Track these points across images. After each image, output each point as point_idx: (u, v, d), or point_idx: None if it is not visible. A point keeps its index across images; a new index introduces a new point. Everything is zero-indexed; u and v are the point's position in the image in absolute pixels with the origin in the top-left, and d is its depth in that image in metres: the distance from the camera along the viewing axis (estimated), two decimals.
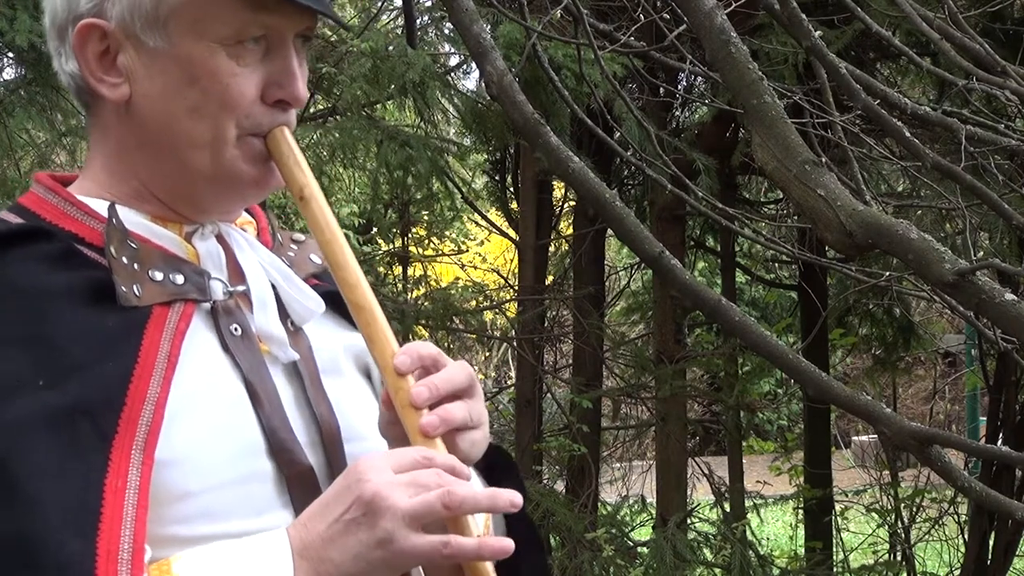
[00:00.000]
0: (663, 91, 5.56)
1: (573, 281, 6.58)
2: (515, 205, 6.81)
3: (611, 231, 5.26)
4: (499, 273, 7.89)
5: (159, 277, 1.24)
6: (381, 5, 6.36)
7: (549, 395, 6.82)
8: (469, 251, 9.39)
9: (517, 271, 6.61)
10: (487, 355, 10.31)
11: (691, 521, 6.07)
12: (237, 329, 1.27)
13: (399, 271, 7.51)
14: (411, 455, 1.17)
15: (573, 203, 6.78)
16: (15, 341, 1.15)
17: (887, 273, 3.33)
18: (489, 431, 1.30)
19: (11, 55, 4.24)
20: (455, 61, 6.07)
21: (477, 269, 8.62)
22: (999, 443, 5.90)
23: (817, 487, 6.31)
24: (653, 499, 6.22)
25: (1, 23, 3.58)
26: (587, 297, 6.10)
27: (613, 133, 3.88)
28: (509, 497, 1.16)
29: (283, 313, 1.32)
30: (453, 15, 2.64)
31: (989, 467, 5.88)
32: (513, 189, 6.90)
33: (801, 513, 6.68)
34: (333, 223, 1.28)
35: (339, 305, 1.30)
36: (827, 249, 4.76)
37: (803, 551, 6.46)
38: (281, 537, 1.16)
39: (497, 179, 7.17)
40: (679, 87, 6.36)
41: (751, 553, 5.45)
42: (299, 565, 1.14)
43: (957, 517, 6.44)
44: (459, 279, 8.01)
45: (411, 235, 7.59)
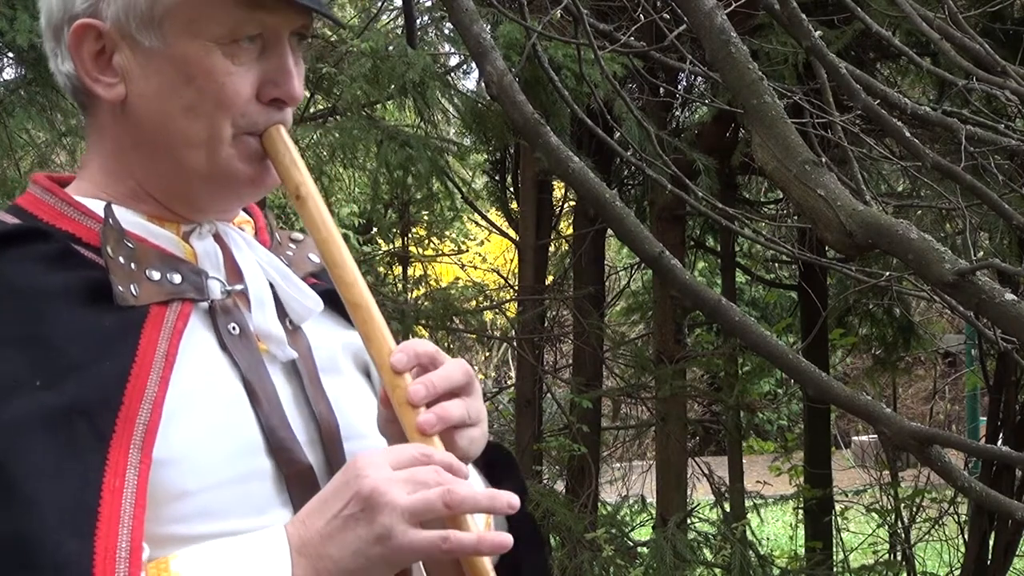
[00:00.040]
0: (663, 91, 5.56)
1: (573, 281, 6.58)
2: (515, 205, 6.81)
3: (611, 231, 5.26)
4: (499, 273, 7.89)
5: (156, 276, 1.24)
6: (381, 5, 6.36)
7: (549, 395, 6.82)
8: (469, 251, 9.39)
9: (517, 271, 6.61)
10: (487, 355, 10.31)
11: (691, 521, 6.07)
12: (235, 328, 1.27)
13: (399, 271, 7.51)
14: (409, 451, 1.16)
15: (573, 203, 6.78)
16: (12, 341, 1.15)
17: (887, 273, 3.32)
18: (488, 430, 1.30)
19: (11, 55, 4.23)
20: (455, 61, 6.08)
21: (477, 269, 8.62)
22: (999, 443, 5.90)
23: (817, 487, 6.31)
24: (653, 499, 6.22)
25: (1, 23, 3.58)
26: (587, 297, 6.10)
27: (613, 133, 3.88)
28: (508, 499, 1.16)
29: (281, 312, 1.32)
30: (453, 15, 2.64)
31: (989, 467, 5.88)
32: (513, 189, 6.90)
33: (801, 513, 6.68)
34: (329, 221, 1.28)
35: (338, 304, 1.29)
36: (827, 249, 4.76)
37: (803, 551, 6.46)
38: (279, 534, 1.16)
39: (497, 179, 7.17)
40: (679, 87, 6.36)
41: (751, 553, 5.45)
42: (297, 562, 1.13)
43: (957, 517, 6.43)
44: (459, 279, 8.01)
45: (411, 235, 7.59)
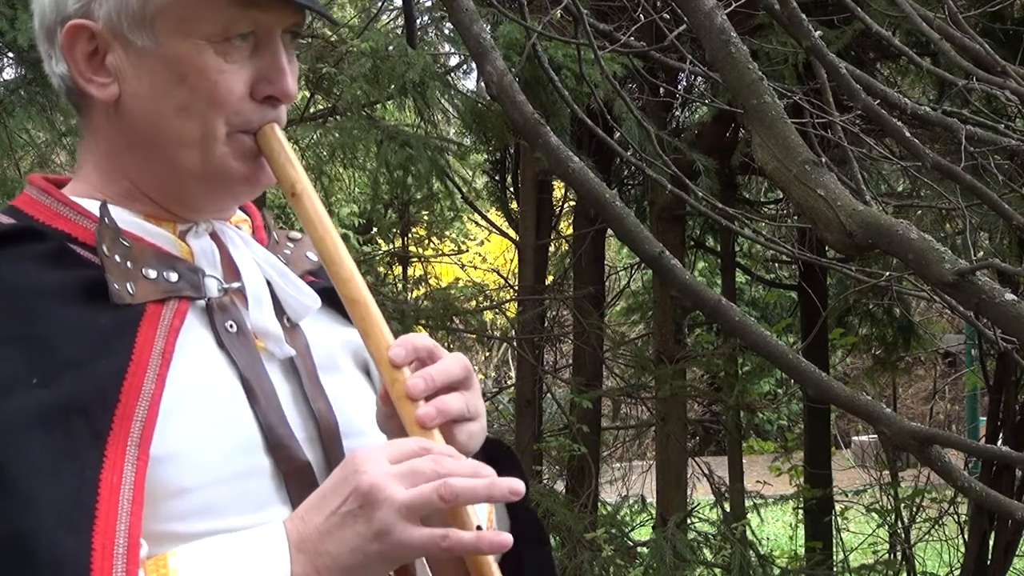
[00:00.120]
0: (663, 91, 5.56)
1: (573, 281, 6.58)
2: (515, 205, 6.81)
3: (611, 231, 5.26)
4: (499, 273, 7.89)
5: (153, 275, 1.24)
6: (381, 5, 6.36)
7: (549, 395, 6.82)
8: (469, 251, 9.39)
9: (517, 271, 6.61)
10: (487, 355, 10.30)
11: (691, 521, 6.07)
12: (232, 326, 1.27)
13: (399, 271, 7.52)
14: (408, 445, 1.16)
15: (573, 203, 6.78)
16: (8, 340, 1.15)
17: (887, 273, 3.32)
18: (488, 430, 1.30)
19: (11, 55, 4.23)
20: (455, 61, 6.08)
21: (477, 269, 8.63)
22: (999, 443, 5.90)
23: (817, 487, 6.31)
24: (653, 499, 6.22)
25: (1, 23, 3.58)
26: (587, 297, 6.10)
27: (613, 133, 3.87)
28: (508, 484, 1.14)
29: (279, 310, 1.32)
30: (453, 15, 2.64)
31: (989, 467, 5.88)
32: (513, 189, 6.90)
33: (801, 513, 6.68)
34: (325, 218, 1.28)
35: (336, 302, 1.29)
36: (827, 249, 4.76)
37: (803, 551, 6.46)
38: (278, 530, 1.15)
39: (497, 179, 7.17)
40: (679, 87, 6.37)
41: (751, 553, 5.45)
42: (296, 558, 1.13)
43: (957, 517, 6.43)
44: (459, 279, 8.02)
45: (411, 235, 7.59)
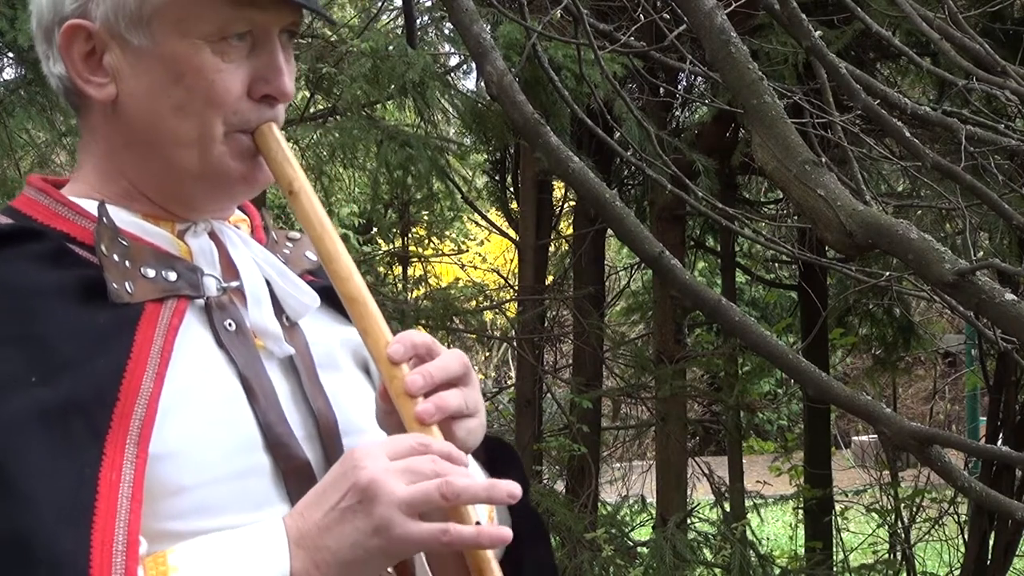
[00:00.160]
0: (663, 91, 5.56)
1: (573, 281, 6.58)
2: (515, 205, 6.81)
3: (611, 231, 5.26)
4: (499, 273, 7.89)
5: (151, 274, 1.25)
6: (381, 5, 6.36)
7: (549, 395, 6.82)
8: (469, 251, 9.39)
9: (517, 271, 6.61)
10: (487, 355, 10.30)
11: (691, 521, 6.07)
12: (231, 324, 1.27)
13: (399, 271, 7.52)
14: (407, 442, 1.16)
15: (573, 203, 6.78)
16: (7, 340, 1.15)
17: (887, 273, 3.32)
18: (488, 429, 1.30)
19: (11, 55, 4.23)
20: (455, 61, 6.08)
21: (477, 269, 8.63)
22: (999, 443, 5.89)
23: (817, 487, 6.31)
24: (653, 499, 6.22)
25: (1, 23, 3.58)
26: (587, 297, 6.10)
27: (613, 133, 3.87)
28: (507, 488, 1.15)
29: (278, 309, 1.32)
30: (453, 15, 2.64)
31: (989, 467, 5.88)
32: (513, 189, 6.90)
33: (801, 513, 6.68)
34: (323, 217, 1.28)
35: (335, 301, 1.29)
36: (827, 249, 4.76)
37: (803, 551, 6.46)
38: (277, 526, 1.16)
39: (497, 179, 7.17)
40: (679, 87, 6.37)
41: (751, 553, 5.45)
42: (296, 554, 1.13)
43: (957, 517, 6.43)
44: (459, 279, 8.02)
45: (411, 235, 7.60)
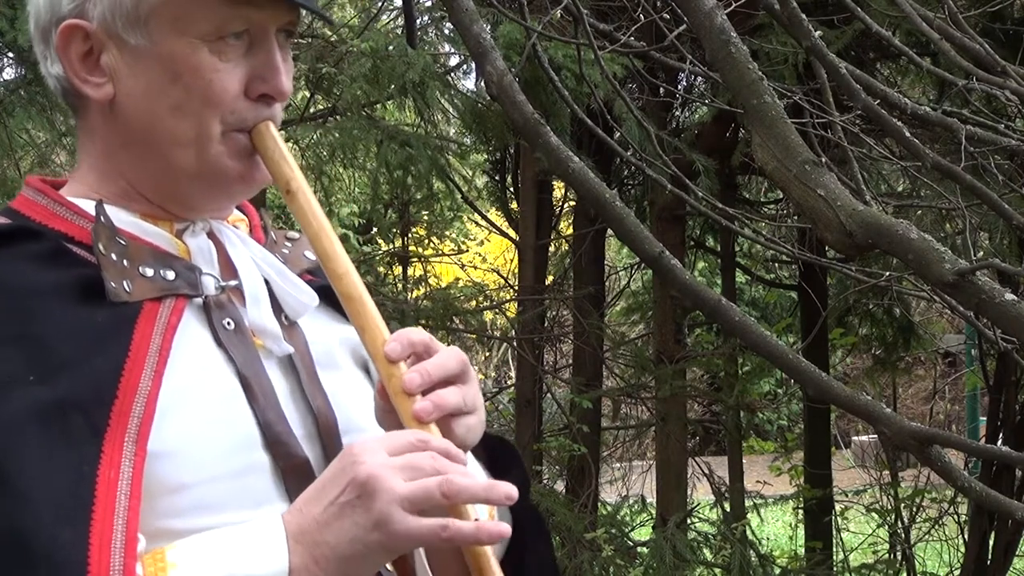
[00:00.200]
0: (663, 91, 5.55)
1: (573, 281, 6.58)
2: (515, 205, 6.81)
3: (611, 231, 5.26)
4: (499, 273, 7.89)
5: (149, 273, 1.25)
6: (381, 5, 6.36)
7: (549, 395, 6.82)
8: (469, 251, 9.39)
9: (517, 271, 6.61)
10: (487, 355, 10.30)
11: (691, 521, 6.07)
12: (230, 323, 1.28)
13: (399, 271, 7.52)
14: (406, 438, 1.16)
15: (573, 203, 6.78)
16: (6, 340, 1.15)
17: (887, 273, 3.32)
18: (488, 429, 1.30)
19: (11, 55, 4.23)
20: (455, 61, 6.08)
21: (477, 269, 8.62)
22: (999, 443, 5.89)
23: (817, 487, 6.31)
24: (653, 499, 6.22)
25: (1, 23, 3.58)
26: (587, 297, 6.10)
27: (613, 133, 3.87)
28: (506, 490, 1.15)
29: (277, 308, 1.32)
30: (453, 15, 2.64)
31: (989, 467, 5.88)
32: (513, 189, 6.90)
33: (801, 513, 6.68)
34: (320, 215, 1.28)
35: (334, 300, 1.29)
36: (827, 249, 4.76)
37: (803, 551, 6.46)
38: (276, 522, 1.16)
39: (497, 179, 7.17)
40: (679, 87, 6.36)
41: (751, 553, 5.45)
42: (294, 549, 1.13)
43: (957, 517, 6.43)
44: (459, 279, 8.01)
45: (411, 235, 7.59)
